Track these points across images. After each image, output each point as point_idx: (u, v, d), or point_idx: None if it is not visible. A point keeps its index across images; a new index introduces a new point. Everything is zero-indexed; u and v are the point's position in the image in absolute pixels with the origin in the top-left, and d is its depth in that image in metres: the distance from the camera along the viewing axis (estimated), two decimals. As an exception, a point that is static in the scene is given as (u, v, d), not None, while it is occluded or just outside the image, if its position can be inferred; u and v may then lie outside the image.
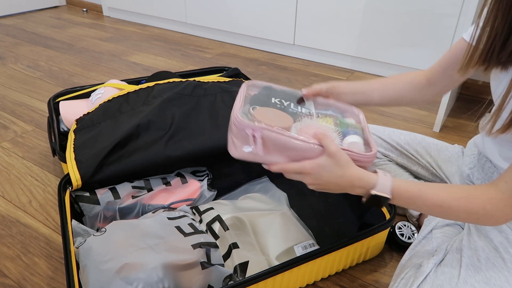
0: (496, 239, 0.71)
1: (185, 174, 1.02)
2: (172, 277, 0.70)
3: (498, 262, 0.68)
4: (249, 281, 0.72)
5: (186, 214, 0.88)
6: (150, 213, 0.91)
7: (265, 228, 0.88)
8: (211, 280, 0.75)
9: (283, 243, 0.84)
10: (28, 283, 0.86)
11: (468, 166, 0.85)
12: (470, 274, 0.67)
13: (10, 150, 1.32)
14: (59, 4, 3.13)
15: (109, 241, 0.74)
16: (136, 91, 1.13)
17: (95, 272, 0.69)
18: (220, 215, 0.90)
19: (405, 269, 0.75)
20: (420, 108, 1.64)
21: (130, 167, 0.92)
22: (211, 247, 0.78)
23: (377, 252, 0.94)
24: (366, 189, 0.66)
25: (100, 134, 0.99)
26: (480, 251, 0.70)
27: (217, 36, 2.44)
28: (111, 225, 0.80)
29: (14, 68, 1.96)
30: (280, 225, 0.88)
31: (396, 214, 0.88)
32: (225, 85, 1.16)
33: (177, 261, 0.71)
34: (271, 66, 2.06)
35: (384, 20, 1.81)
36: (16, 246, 0.95)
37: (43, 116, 1.52)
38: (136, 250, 0.72)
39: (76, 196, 0.89)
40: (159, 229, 0.80)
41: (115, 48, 2.28)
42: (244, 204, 0.99)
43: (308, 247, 0.83)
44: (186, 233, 0.80)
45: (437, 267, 0.71)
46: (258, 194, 1.03)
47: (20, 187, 1.15)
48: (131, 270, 0.68)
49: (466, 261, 0.70)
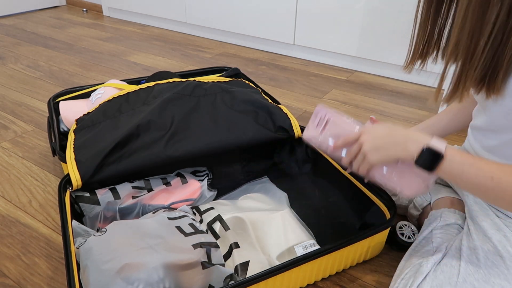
0: (494, 238, 0.71)
1: (185, 174, 1.02)
2: (172, 277, 0.70)
3: (497, 261, 0.68)
4: (250, 281, 0.72)
5: (186, 214, 0.88)
6: (150, 213, 0.91)
7: (265, 228, 0.88)
8: (212, 280, 0.75)
9: (283, 243, 0.84)
10: (28, 283, 0.86)
11: None
12: (470, 272, 0.68)
13: (10, 150, 1.32)
14: (59, 4, 3.13)
15: (110, 241, 0.74)
16: (136, 91, 1.13)
17: (95, 272, 0.69)
18: (220, 215, 0.90)
19: (405, 269, 0.75)
20: (420, 108, 1.64)
21: (130, 167, 0.92)
22: (211, 247, 0.78)
23: (377, 252, 0.93)
24: (420, 142, 0.65)
25: (100, 134, 0.99)
26: (479, 250, 0.70)
27: (217, 36, 2.44)
28: (112, 225, 0.80)
29: (14, 68, 1.96)
30: (280, 224, 0.88)
31: (396, 214, 0.88)
32: (225, 85, 1.16)
33: (177, 261, 0.71)
34: (271, 66, 2.06)
35: (384, 20, 1.81)
36: (16, 246, 0.95)
37: (43, 116, 1.52)
38: (137, 250, 0.72)
39: (76, 196, 0.89)
40: (159, 229, 0.80)
41: (115, 48, 2.28)
42: (245, 204, 0.99)
43: (308, 247, 0.83)
44: (187, 233, 0.80)
45: (436, 267, 0.71)
46: (259, 194, 1.03)
47: (20, 187, 1.15)
48: (132, 270, 0.68)
49: (465, 260, 0.70)
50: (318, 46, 2.07)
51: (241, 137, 1.01)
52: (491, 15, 0.56)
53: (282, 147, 1.15)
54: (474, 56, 0.60)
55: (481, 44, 0.58)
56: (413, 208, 0.98)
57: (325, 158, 1.06)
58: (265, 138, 1.03)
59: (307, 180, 1.12)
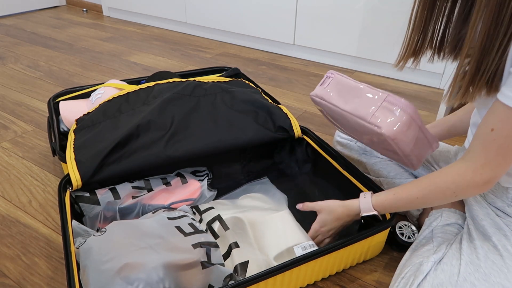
0: (494, 237, 0.71)
1: (185, 174, 1.02)
2: (172, 277, 0.70)
3: (497, 260, 0.68)
4: (250, 281, 0.72)
5: (186, 214, 0.88)
6: (150, 213, 0.91)
7: (264, 228, 0.88)
8: (212, 279, 0.75)
9: (282, 244, 0.84)
10: (28, 283, 0.86)
11: None
12: (470, 271, 0.68)
13: (10, 150, 1.32)
14: (59, 4, 3.13)
15: (109, 241, 0.74)
16: (136, 91, 1.13)
17: (95, 272, 0.69)
18: (220, 214, 0.90)
19: (405, 269, 0.75)
20: (420, 108, 1.64)
21: (130, 167, 0.92)
22: (211, 247, 0.78)
23: (377, 252, 0.93)
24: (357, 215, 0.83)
25: (100, 134, 0.99)
26: (479, 249, 0.70)
27: (217, 36, 2.44)
28: (111, 225, 0.80)
29: (14, 68, 1.96)
30: (280, 225, 0.88)
31: (397, 214, 0.88)
32: (225, 85, 1.16)
33: (177, 261, 0.71)
34: (271, 66, 2.06)
35: (384, 20, 1.81)
36: (16, 246, 0.95)
37: (43, 116, 1.52)
38: (136, 250, 0.72)
39: (76, 196, 0.89)
40: (159, 229, 0.80)
41: (115, 48, 2.28)
42: (244, 203, 0.99)
43: (308, 247, 0.83)
44: (186, 232, 0.80)
45: (437, 266, 0.71)
46: (258, 194, 1.03)
47: (20, 187, 1.15)
48: (132, 270, 0.68)
49: (465, 259, 0.70)
50: (318, 46, 2.07)
51: (241, 137, 1.01)
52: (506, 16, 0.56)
53: (282, 147, 1.15)
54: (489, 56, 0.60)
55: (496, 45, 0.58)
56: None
57: (325, 158, 1.06)
58: (265, 138, 1.03)
59: (307, 180, 1.12)
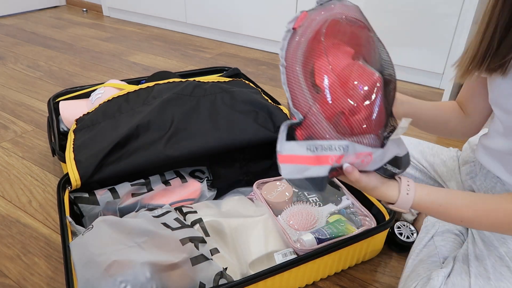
0: (501, 248, 0.70)
1: (185, 174, 1.02)
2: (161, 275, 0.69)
3: (504, 271, 0.68)
4: (249, 281, 0.72)
5: (170, 210, 0.87)
6: (133, 213, 0.89)
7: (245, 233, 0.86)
8: (202, 277, 0.73)
9: (263, 249, 0.83)
10: (28, 283, 0.86)
11: (469, 175, 0.84)
12: (480, 284, 0.67)
13: (10, 150, 1.32)
14: (59, 4, 3.13)
15: (96, 239, 0.73)
16: (136, 91, 1.13)
17: (82, 270, 0.68)
18: (202, 218, 0.88)
19: (410, 282, 0.74)
20: (420, 108, 1.64)
21: (130, 167, 0.92)
22: (199, 242, 0.77)
23: (377, 252, 0.94)
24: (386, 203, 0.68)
25: (100, 134, 0.99)
26: (486, 260, 0.70)
27: (217, 36, 2.44)
28: (98, 222, 0.78)
29: (14, 68, 1.96)
30: (261, 231, 0.86)
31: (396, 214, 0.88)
32: (225, 85, 1.16)
33: (166, 261, 0.70)
34: (271, 66, 2.06)
35: (384, 20, 1.81)
36: (16, 246, 0.95)
37: (43, 116, 1.53)
38: (124, 248, 0.71)
39: (75, 197, 0.89)
40: (146, 225, 0.78)
41: (115, 48, 2.28)
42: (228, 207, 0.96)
43: (288, 254, 0.82)
44: (173, 228, 0.78)
45: (446, 279, 0.70)
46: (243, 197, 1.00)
47: (20, 187, 1.15)
48: (120, 268, 0.67)
49: (474, 271, 0.69)
50: (318, 46, 2.07)
51: (241, 137, 1.01)
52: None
53: (282, 147, 1.15)
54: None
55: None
56: (408, 212, 0.97)
57: (324, 158, 1.05)
58: (265, 138, 1.03)
59: (306, 180, 1.12)
